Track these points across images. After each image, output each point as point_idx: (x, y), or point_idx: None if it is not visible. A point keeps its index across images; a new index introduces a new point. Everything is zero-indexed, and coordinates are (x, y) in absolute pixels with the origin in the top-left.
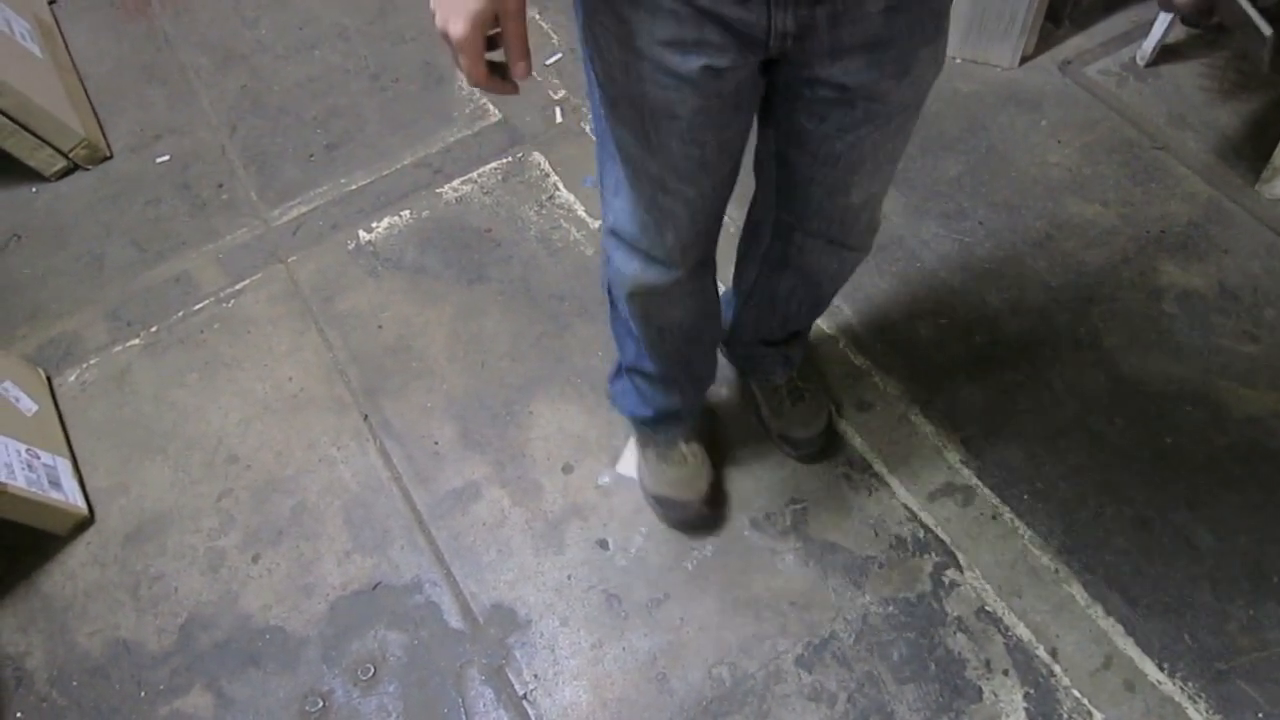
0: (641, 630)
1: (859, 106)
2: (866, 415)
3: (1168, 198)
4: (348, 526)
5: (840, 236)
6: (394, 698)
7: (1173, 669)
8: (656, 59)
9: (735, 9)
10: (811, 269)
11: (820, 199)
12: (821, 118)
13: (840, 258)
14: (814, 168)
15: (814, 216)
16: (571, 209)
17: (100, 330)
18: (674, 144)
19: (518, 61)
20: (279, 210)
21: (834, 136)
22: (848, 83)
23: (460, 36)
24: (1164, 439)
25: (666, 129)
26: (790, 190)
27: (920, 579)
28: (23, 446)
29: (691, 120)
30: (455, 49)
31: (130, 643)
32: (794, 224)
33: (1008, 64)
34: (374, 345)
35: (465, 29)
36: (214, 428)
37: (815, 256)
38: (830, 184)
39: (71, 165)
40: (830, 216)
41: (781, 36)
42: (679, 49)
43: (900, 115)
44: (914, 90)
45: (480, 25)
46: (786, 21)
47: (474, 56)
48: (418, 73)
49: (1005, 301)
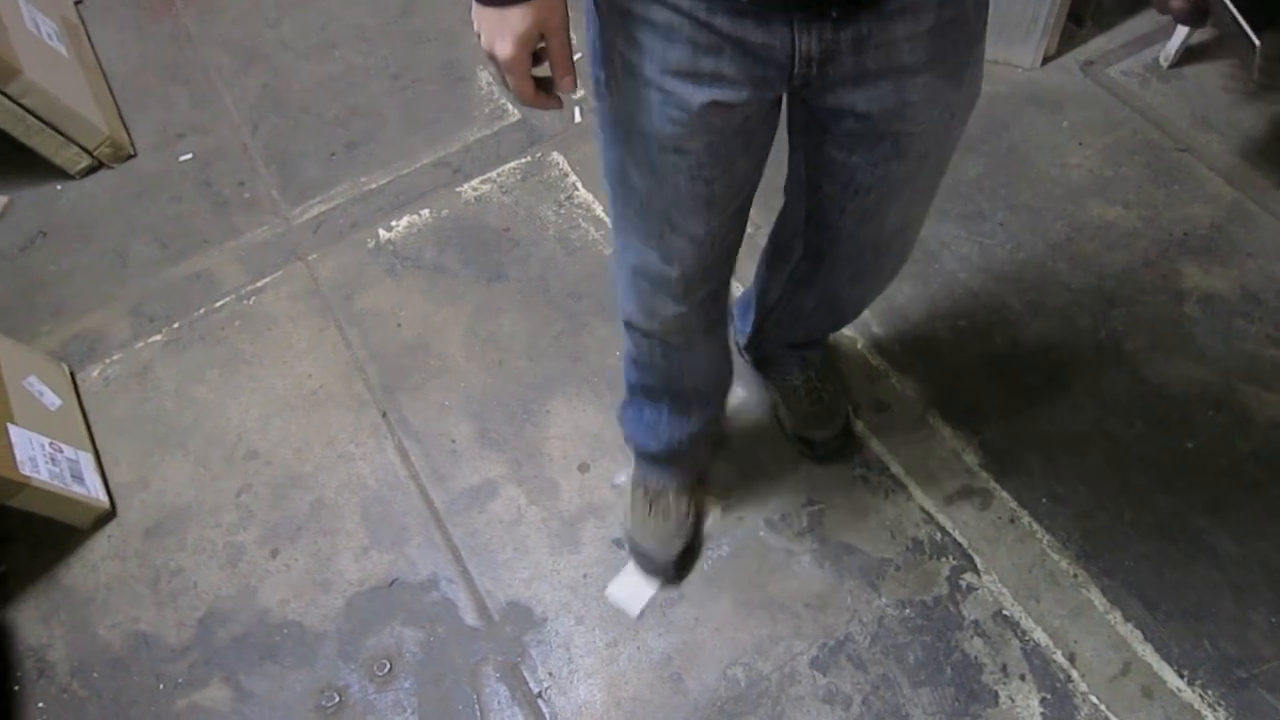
0: (656, 630)
1: (888, 139)
2: (884, 417)
3: (1190, 200)
4: (365, 523)
5: (870, 264)
6: (409, 694)
7: (1192, 676)
8: (666, 89)
9: (758, 32)
10: (838, 293)
11: (852, 228)
12: (850, 149)
13: (867, 286)
14: (845, 197)
15: (844, 243)
16: (590, 208)
17: (123, 326)
18: (681, 180)
19: (564, 76)
20: (300, 208)
21: (864, 168)
22: (872, 111)
23: (507, 57)
24: (1185, 443)
25: (674, 164)
26: (820, 217)
27: (937, 582)
28: (46, 440)
29: (699, 156)
30: (503, 69)
31: (150, 635)
32: (823, 249)
33: (1029, 64)
34: (393, 343)
35: (512, 49)
36: (234, 424)
37: (843, 283)
38: (861, 214)
39: (96, 163)
40: (861, 245)
41: (806, 61)
42: (690, 79)
43: (935, 147)
44: (946, 121)
45: (527, 45)
46: (811, 45)
47: (522, 75)
48: (438, 72)
49: (1025, 304)
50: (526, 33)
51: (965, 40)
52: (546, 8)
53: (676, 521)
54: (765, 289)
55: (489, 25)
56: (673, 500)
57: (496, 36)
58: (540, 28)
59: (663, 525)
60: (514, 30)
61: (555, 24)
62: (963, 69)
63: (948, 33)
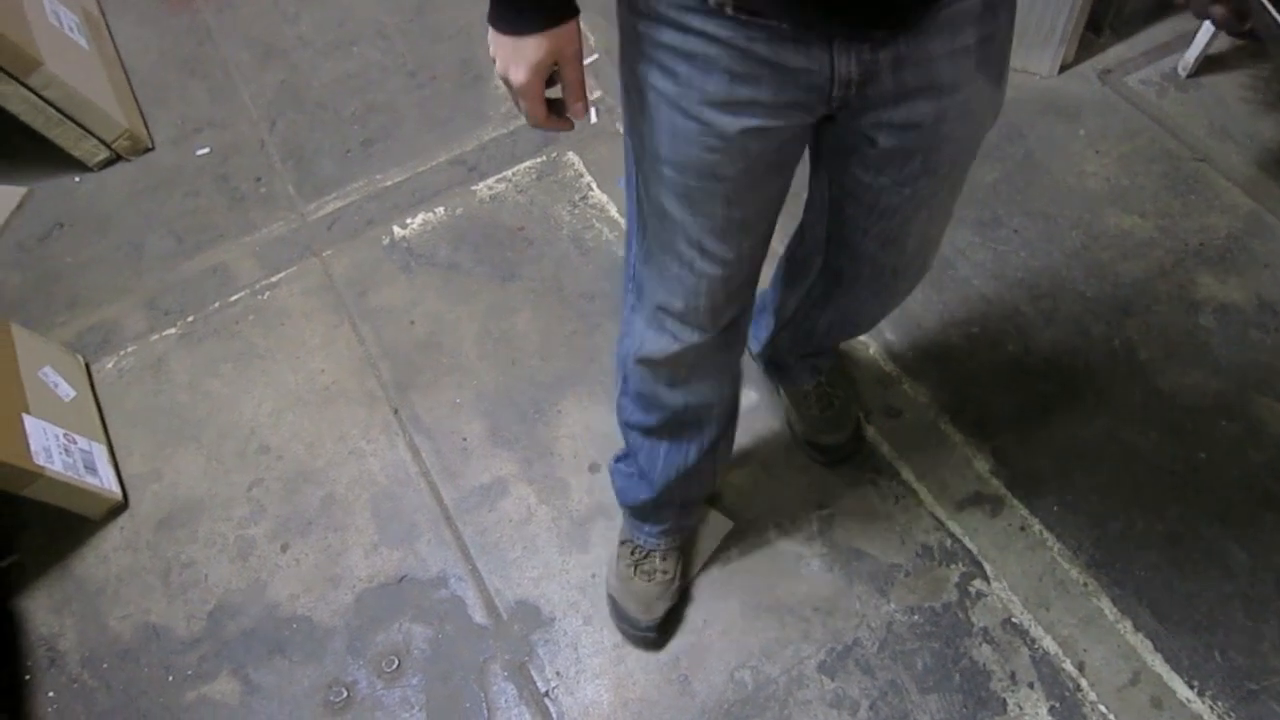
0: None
1: (918, 157)
2: (895, 422)
3: (1207, 210)
4: (375, 519)
5: (889, 282)
6: (417, 690)
7: (1202, 687)
8: (705, 120)
9: (797, 57)
10: (855, 309)
11: (873, 251)
12: (879, 170)
13: (884, 302)
14: (869, 220)
15: (865, 264)
16: (604, 209)
17: (138, 319)
18: (716, 207)
19: (575, 103)
20: (315, 205)
21: (891, 189)
22: (908, 130)
23: (521, 83)
24: (1198, 454)
25: (709, 191)
26: (841, 238)
27: (946, 588)
28: (60, 431)
29: (736, 182)
30: (516, 93)
31: (160, 627)
32: (843, 269)
33: (1047, 72)
34: (405, 340)
35: (526, 76)
36: (246, 418)
37: (861, 300)
38: (885, 235)
39: (114, 156)
40: (882, 265)
41: (845, 84)
42: (727, 109)
43: (960, 162)
44: (974, 134)
45: (541, 73)
46: (850, 67)
47: (535, 100)
48: (455, 70)
49: (1039, 311)
50: (541, 62)
51: (998, 55)
52: (562, 38)
53: (660, 585)
54: (782, 303)
55: (505, 52)
56: (659, 562)
57: (512, 63)
58: (555, 57)
59: (646, 588)
60: (529, 59)
61: (570, 53)
62: (994, 83)
63: (982, 49)
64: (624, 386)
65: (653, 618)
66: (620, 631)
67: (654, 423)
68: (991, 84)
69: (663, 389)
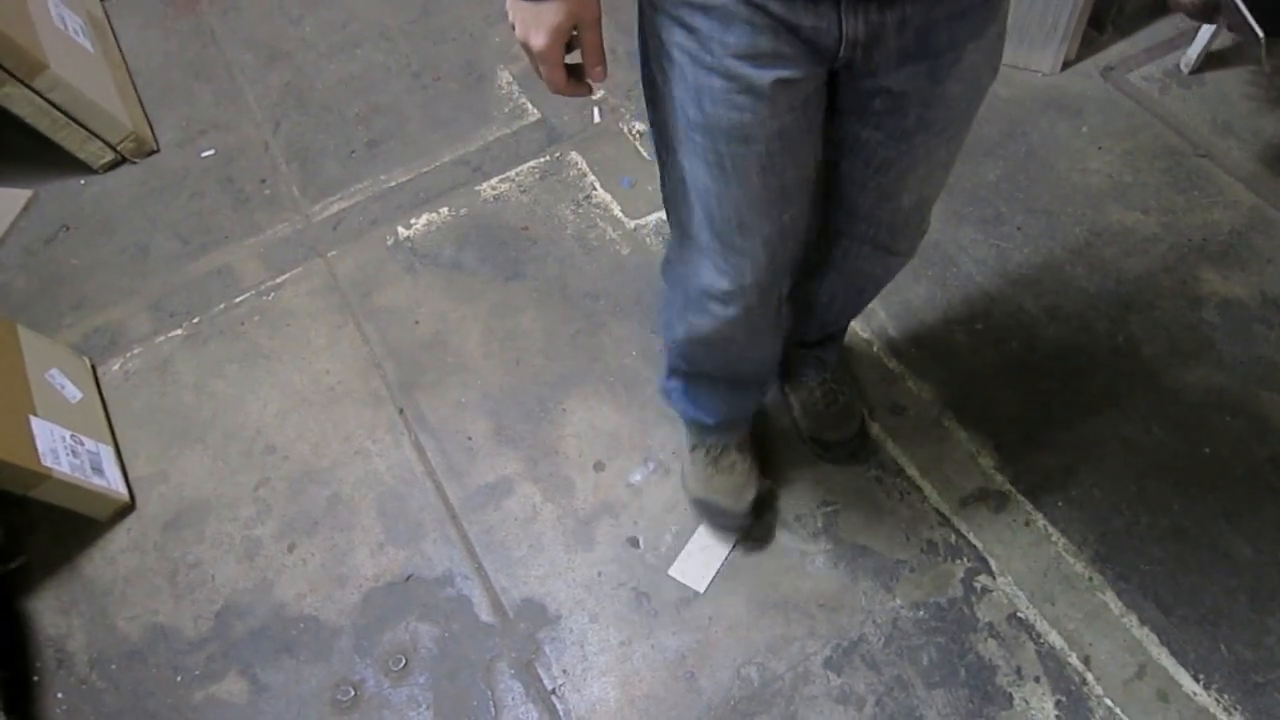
0: (670, 628)
1: (912, 113)
2: (900, 419)
3: (1210, 206)
4: (381, 519)
5: (888, 241)
6: (424, 689)
7: (1208, 680)
8: (731, 72)
9: (809, 16)
10: (855, 273)
11: (870, 205)
12: (876, 126)
13: (886, 263)
14: (866, 174)
15: (862, 221)
16: (608, 208)
17: (144, 320)
18: (753, 175)
19: (595, 66)
20: (320, 206)
21: (887, 144)
22: (906, 89)
23: (541, 47)
24: (1202, 449)
25: (743, 156)
26: (839, 197)
27: (951, 584)
28: (67, 433)
29: (768, 144)
30: (536, 59)
31: (167, 628)
32: (840, 229)
33: (1049, 69)
34: (410, 340)
35: (546, 40)
36: (252, 418)
37: (860, 261)
38: (881, 190)
39: (119, 158)
40: (879, 221)
41: (852, 45)
42: (754, 62)
43: (956, 120)
44: (972, 95)
45: (561, 37)
46: (858, 28)
47: (555, 64)
48: (458, 71)
49: (1042, 308)
50: (561, 25)
51: (996, 17)
52: (582, 1)
53: (743, 474)
54: None
55: (524, 17)
56: (736, 455)
57: (531, 28)
58: (574, 20)
59: (730, 479)
60: (549, 23)
61: (590, 17)
62: (992, 46)
63: (981, 11)
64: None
65: (744, 504)
66: (715, 527)
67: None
68: (990, 44)
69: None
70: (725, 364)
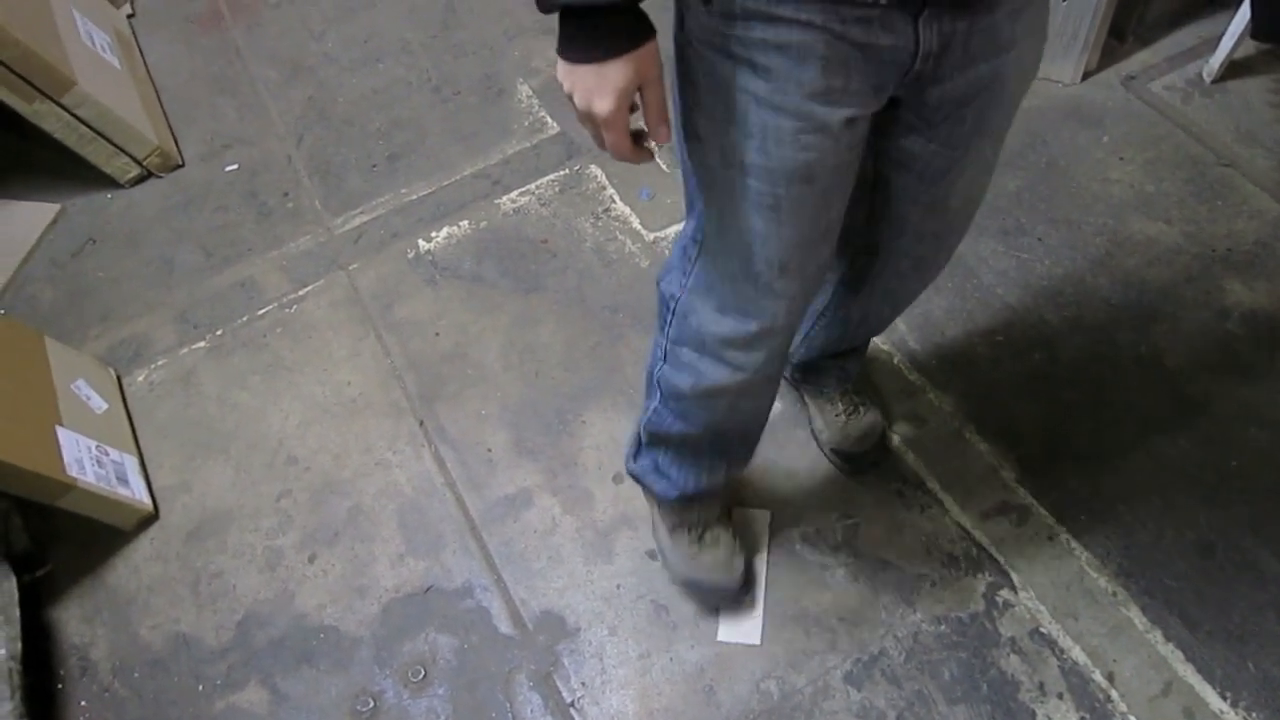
0: (689, 641)
1: (970, 118)
2: (921, 431)
3: (1234, 215)
4: (401, 530)
5: (930, 253)
6: (443, 700)
7: (1235, 698)
8: (804, 113)
9: (889, 36)
10: (892, 290)
11: (919, 218)
12: (930, 138)
13: (922, 277)
14: (919, 188)
15: (908, 236)
16: (627, 221)
17: (168, 332)
18: (806, 211)
19: (659, 126)
20: (341, 219)
21: (942, 153)
22: (969, 93)
23: (608, 113)
24: (1228, 461)
25: (802, 197)
26: (886, 211)
27: (973, 598)
28: (93, 443)
29: (827, 183)
30: (602, 126)
31: (190, 637)
32: (881, 244)
33: (1069, 79)
34: (431, 352)
35: (613, 105)
36: (274, 429)
37: (898, 278)
38: (930, 201)
39: (145, 172)
40: (923, 232)
41: (926, 57)
42: (825, 99)
43: (1006, 118)
44: (1022, 90)
45: (627, 99)
46: (932, 40)
47: (622, 131)
48: (478, 85)
49: (1064, 319)
50: (627, 87)
51: (1045, 9)
52: (644, 59)
53: (728, 545)
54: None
55: (586, 83)
56: (719, 528)
57: (595, 94)
58: (640, 79)
59: (715, 553)
60: (615, 86)
61: (654, 75)
62: (1041, 37)
63: (1034, 4)
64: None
65: (736, 576)
66: (708, 605)
67: (695, 433)
68: (1039, 37)
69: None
70: (717, 421)
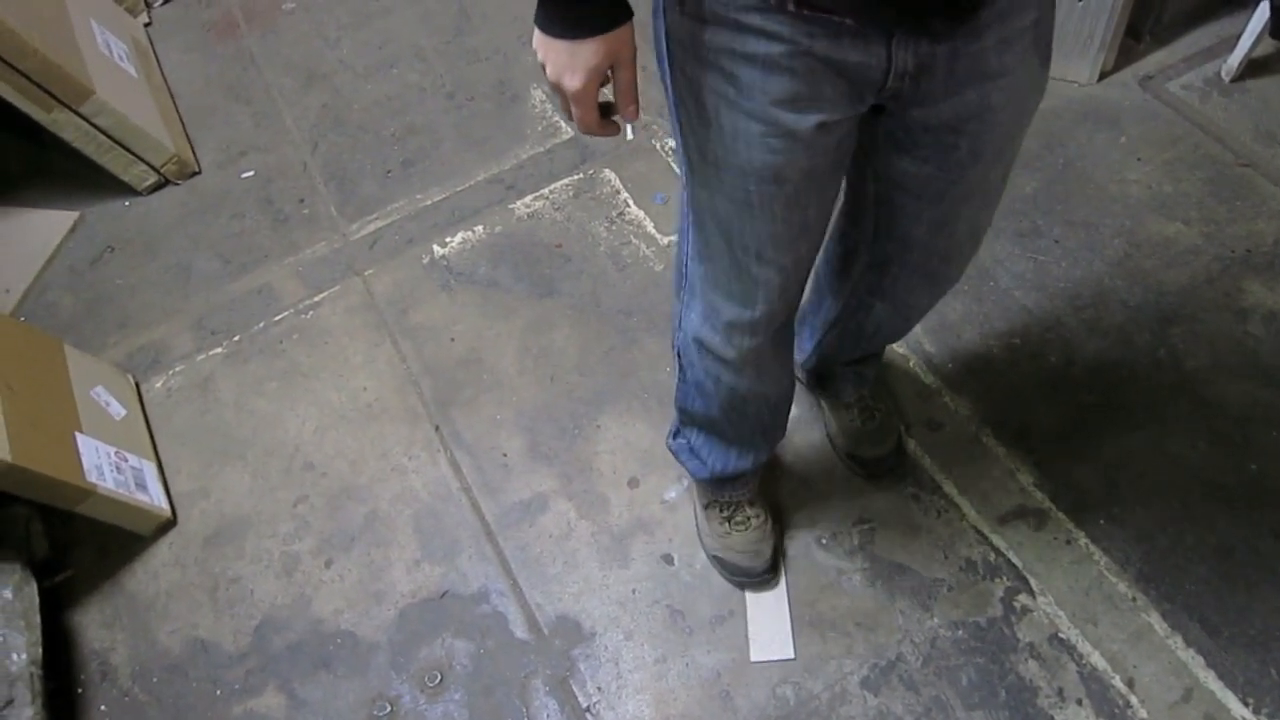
0: (705, 646)
1: (964, 145)
2: (937, 435)
3: (1254, 216)
4: (418, 535)
5: (940, 268)
6: (459, 706)
7: (1258, 705)
8: (770, 119)
9: (857, 53)
10: (905, 301)
11: (925, 238)
12: (925, 159)
13: (935, 290)
14: (920, 207)
15: (917, 252)
16: (641, 225)
17: (186, 339)
18: (777, 209)
19: (628, 105)
20: (357, 225)
21: (939, 176)
22: (956, 119)
23: (577, 89)
24: (1249, 465)
25: (772, 195)
26: (891, 228)
27: (991, 603)
28: (112, 449)
29: (798, 184)
30: (570, 100)
31: (208, 642)
32: (891, 258)
33: (1086, 80)
34: (446, 357)
35: (583, 82)
36: (291, 435)
37: (911, 292)
38: (935, 222)
39: (162, 180)
40: (931, 251)
41: (900, 76)
42: (793, 107)
43: (1007, 144)
44: (1020, 118)
45: (597, 77)
46: (907, 61)
47: (589, 106)
48: (492, 91)
49: (1082, 321)
50: (598, 66)
51: (1043, 40)
52: (618, 41)
53: (758, 528)
54: (823, 305)
55: (559, 58)
56: (749, 510)
57: (566, 70)
58: (612, 59)
59: (744, 536)
60: (586, 64)
61: (626, 56)
62: (1043, 63)
63: (1035, 30)
64: (683, 375)
65: (763, 561)
66: (735, 584)
67: (717, 415)
68: (1040, 64)
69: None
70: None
